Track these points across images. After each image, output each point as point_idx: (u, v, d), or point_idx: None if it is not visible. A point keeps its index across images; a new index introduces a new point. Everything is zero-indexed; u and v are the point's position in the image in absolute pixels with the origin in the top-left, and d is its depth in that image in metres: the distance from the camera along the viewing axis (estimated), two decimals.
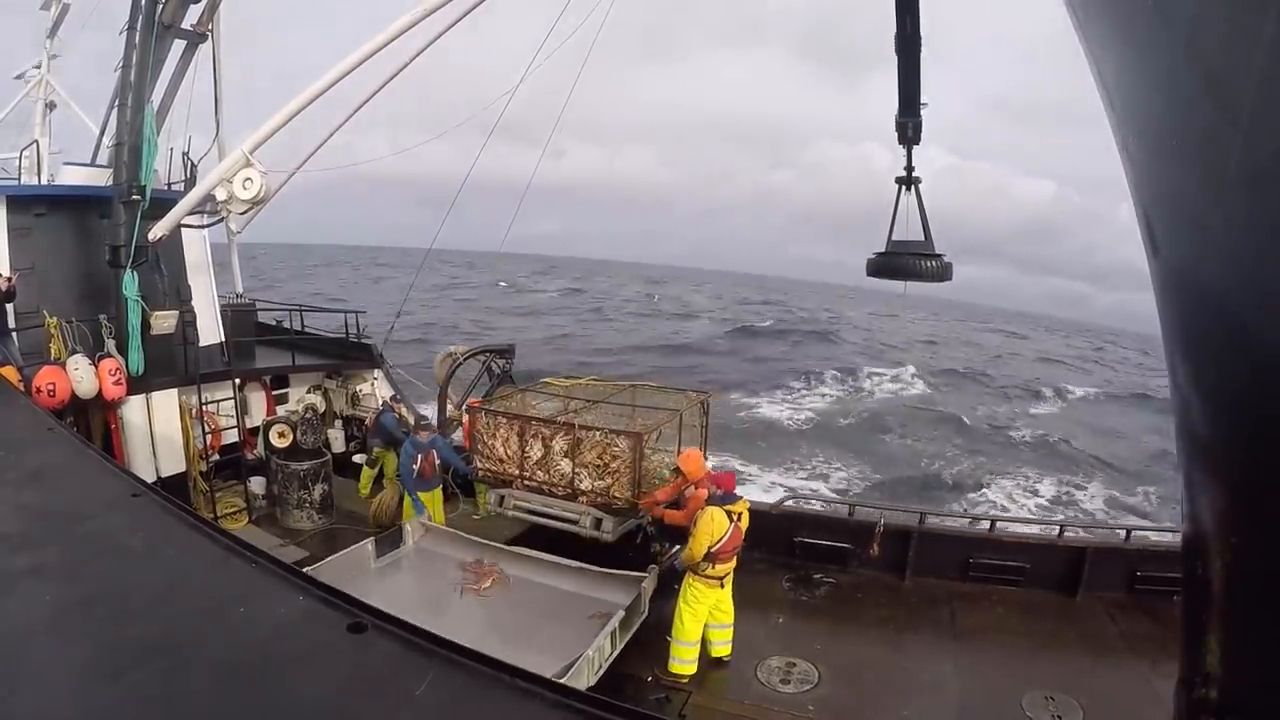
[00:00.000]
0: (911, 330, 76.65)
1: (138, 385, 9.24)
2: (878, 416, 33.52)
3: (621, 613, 6.43)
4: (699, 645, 6.61)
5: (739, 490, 6.95)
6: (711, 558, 6.43)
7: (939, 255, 7.85)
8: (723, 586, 6.62)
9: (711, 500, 6.51)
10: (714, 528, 6.35)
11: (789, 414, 33.00)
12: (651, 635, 6.72)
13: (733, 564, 6.64)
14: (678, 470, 7.27)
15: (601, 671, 5.98)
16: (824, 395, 38.64)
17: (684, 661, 6.53)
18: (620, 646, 6.34)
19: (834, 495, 20.54)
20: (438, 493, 9.10)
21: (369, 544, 7.66)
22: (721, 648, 6.79)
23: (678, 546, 7.34)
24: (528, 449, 7.88)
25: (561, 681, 5.48)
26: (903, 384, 43.57)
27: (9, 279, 8.74)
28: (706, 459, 8.75)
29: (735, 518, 6.52)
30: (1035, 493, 24.30)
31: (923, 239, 7.99)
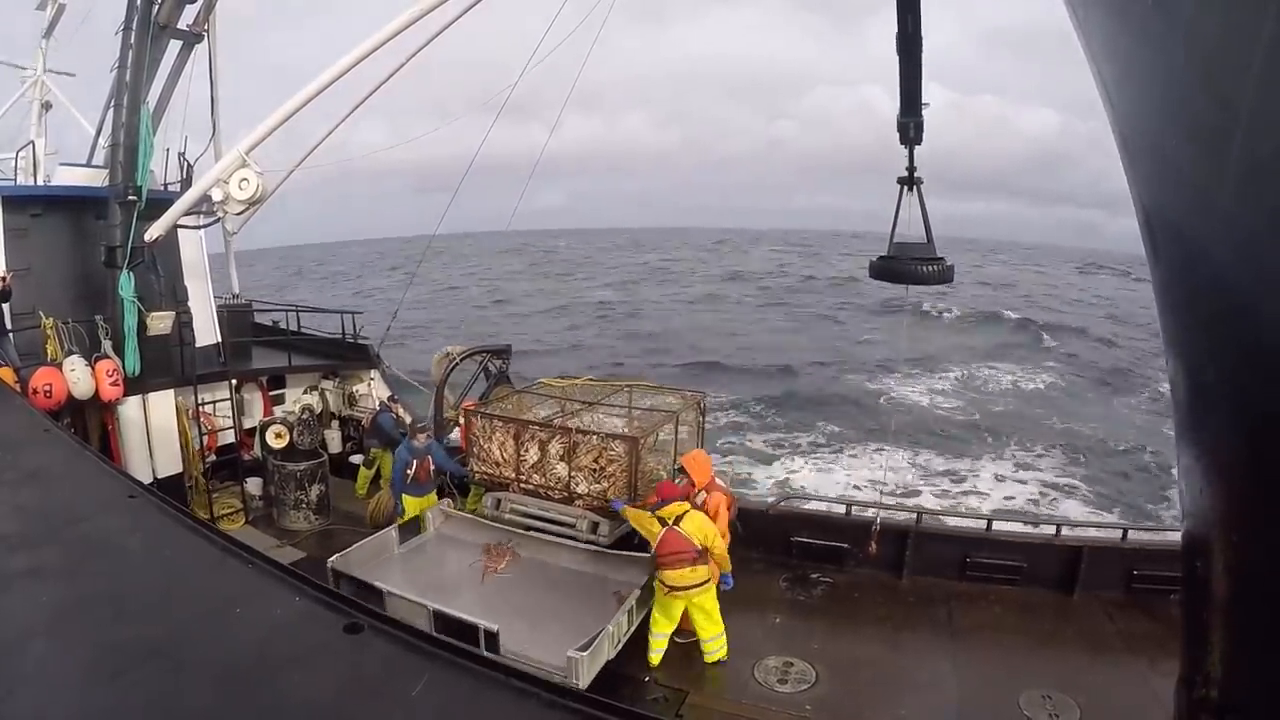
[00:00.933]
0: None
1: (134, 386, 9.22)
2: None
3: (638, 590, 6.66)
4: (667, 640, 6.69)
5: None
6: (658, 564, 6.46)
7: (940, 259, 7.88)
8: (677, 597, 6.47)
9: (655, 509, 6.66)
10: (645, 526, 6.58)
11: (926, 396, 29.76)
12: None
13: (683, 573, 6.40)
14: (682, 470, 7.25)
15: (620, 645, 6.35)
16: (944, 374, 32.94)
17: (652, 651, 6.65)
18: (636, 623, 6.66)
19: (831, 495, 20.49)
20: (432, 498, 8.96)
21: (392, 530, 7.96)
22: (711, 655, 6.71)
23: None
24: (523, 452, 7.88)
25: (583, 653, 5.67)
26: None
27: (3, 279, 8.72)
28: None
29: (671, 521, 6.45)
30: None
31: (925, 241, 8.02)
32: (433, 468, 8.84)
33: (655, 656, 6.65)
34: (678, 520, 6.47)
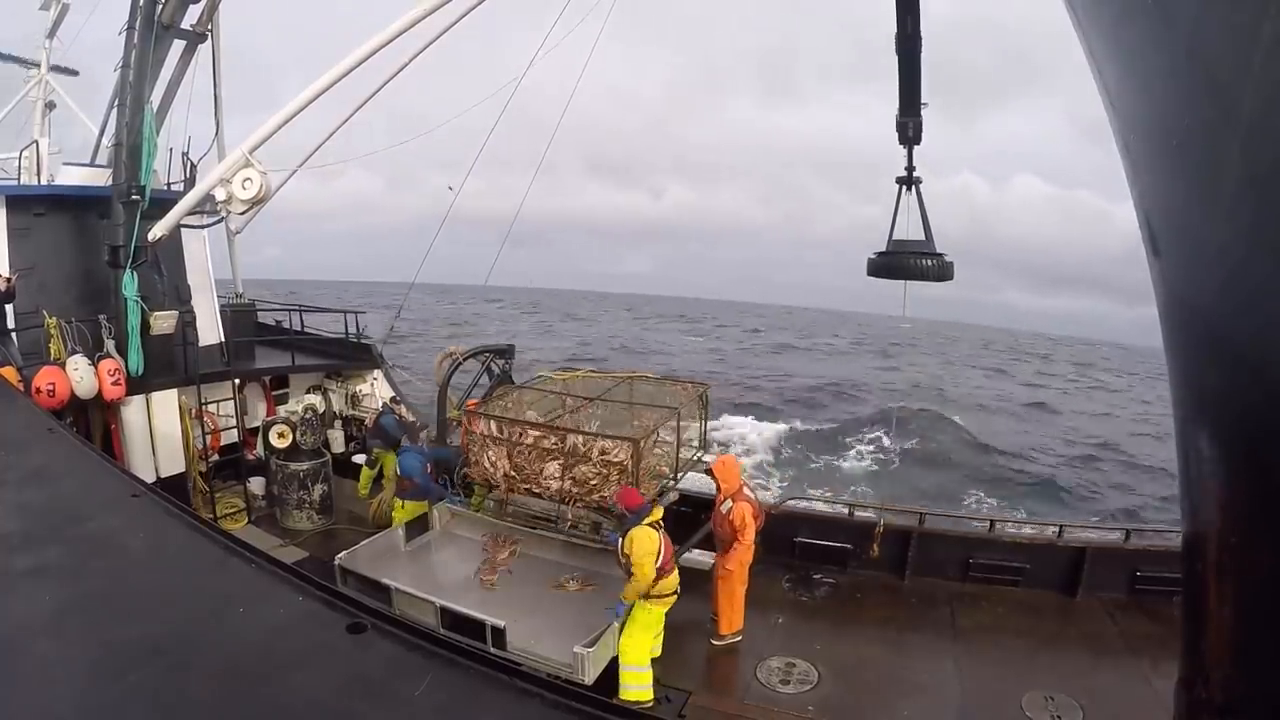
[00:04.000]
0: None
1: (137, 385, 9.23)
2: None
3: None
4: (650, 668, 6.25)
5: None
6: (662, 570, 6.15)
7: (940, 254, 7.85)
8: (678, 597, 6.36)
9: (629, 524, 6.22)
10: (651, 546, 6.05)
11: None
12: None
13: (675, 577, 6.33)
14: (709, 473, 7.11)
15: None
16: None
17: (642, 687, 6.14)
18: None
19: (834, 496, 20.45)
20: (424, 504, 8.71)
21: (400, 529, 8.02)
22: (656, 650, 6.50)
23: (677, 547, 7.28)
24: (519, 464, 7.72)
25: (589, 649, 5.72)
26: None
27: (8, 279, 8.74)
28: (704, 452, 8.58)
29: (659, 526, 6.29)
30: None
31: (924, 239, 8.00)
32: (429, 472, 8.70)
33: (648, 693, 6.17)
34: (659, 523, 6.36)
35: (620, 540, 6.22)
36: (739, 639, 7.15)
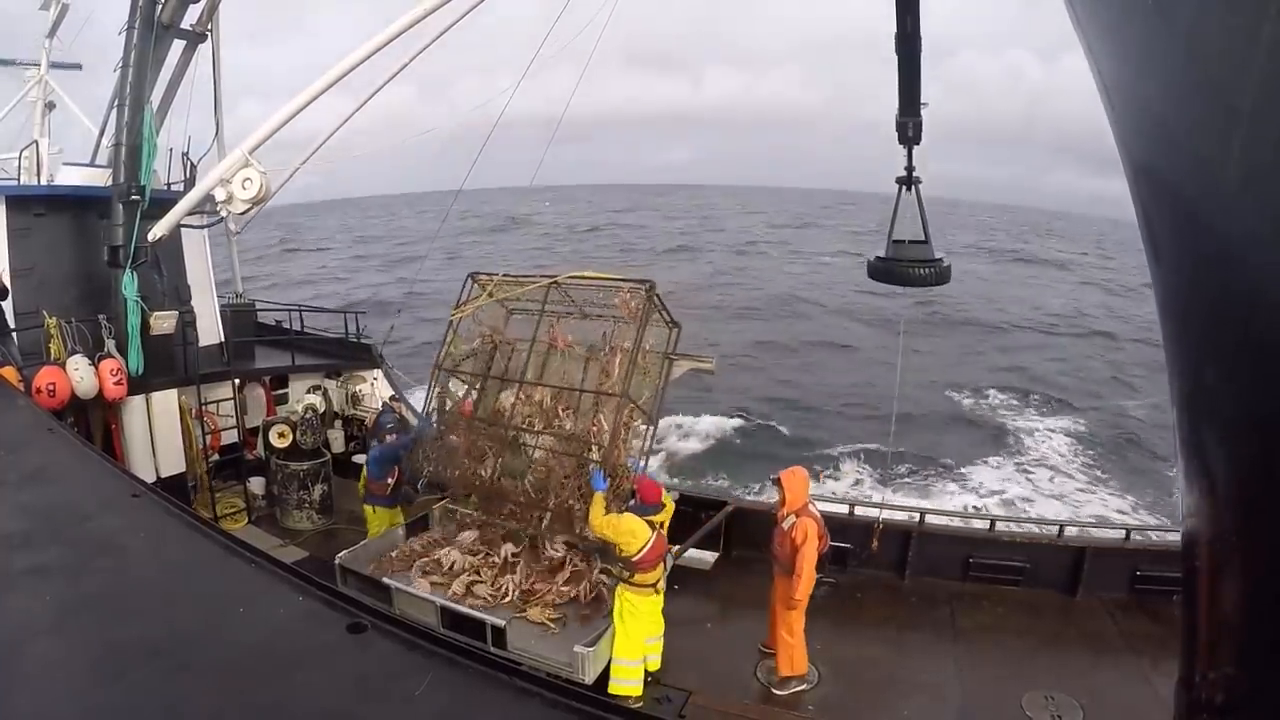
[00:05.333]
0: None
1: (137, 385, 9.23)
2: None
3: None
4: (642, 663, 6.18)
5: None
6: (635, 565, 6.01)
7: (937, 260, 7.87)
8: (657, 593, 6.20)
9: (634, 509, 6.17)
10: (631, 539, 5.95)
11: None
12: None
13: (659, 572, 6.20)
14: (776, 483, 6.61)
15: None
16: None
17: (629, 682, 6.06)
18: None
19: (834, 495, 20.42)
20: (399, 513, 8.59)
21: (400, 529, 7.94)
22: (655, 661, 6.39)
23: (676, 547, 7.27)
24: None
25: (590, 649, 5.67)
26: None
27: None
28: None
29: (658, 527, 6.19)
30: None
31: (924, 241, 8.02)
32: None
33: (637, 688, 6.12)
34: (662, 525, 6.30)
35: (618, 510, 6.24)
36: (805, 688, 6.43)
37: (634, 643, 6.07)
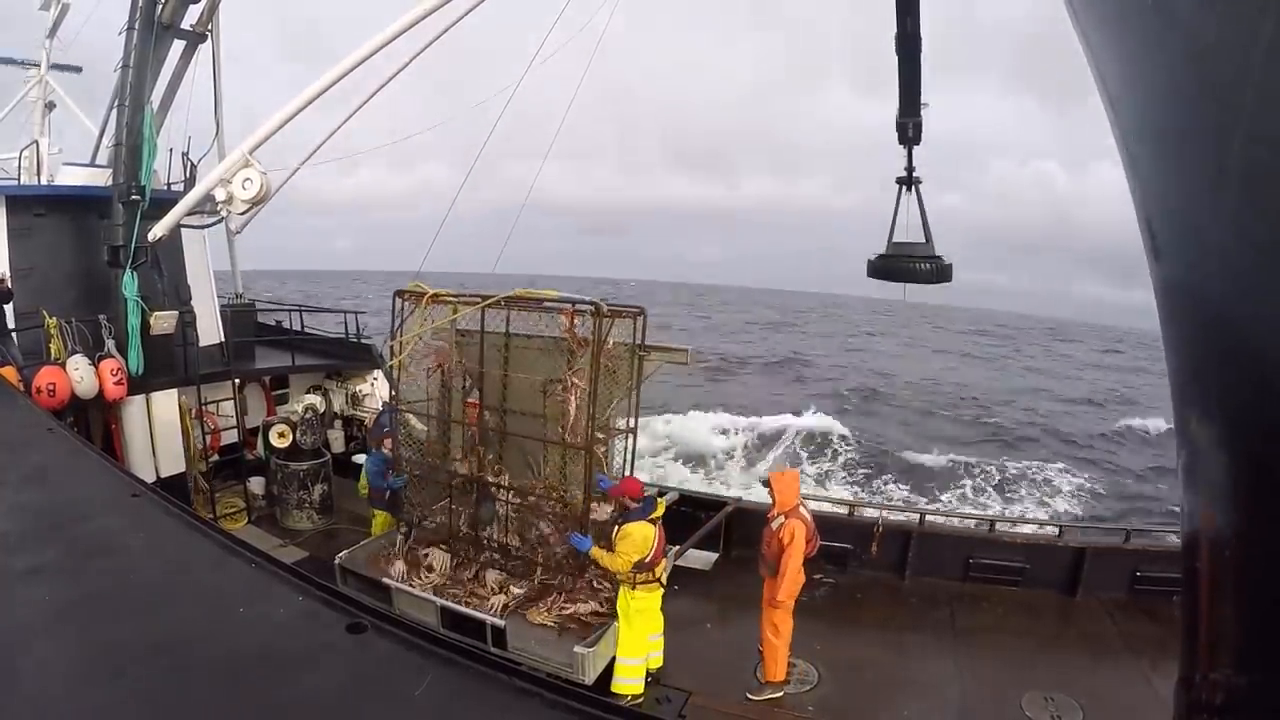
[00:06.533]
0: None
1: (137, 385, 9.24)
2: None
3: None
4: (645, 661, 6.20)
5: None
6: (647, 566, 6.01)
7: (938, 257, 7.83)
8: (661, 585, 6.19)
9: (631, 516, 6.08)
10: (644, 546, 5.93)
11: None
12: None
13: (663, 564, 6.20)
14: (766, 484, 6.62)
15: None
16: None
17: (632, 680, 6.08)
18: None
19: (834, 496, 20.43)
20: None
21: (399, 528, 7.82)
22: (656, 659, 6.41)
23: (676, 547, 7.25)
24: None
25: (590, 649, 5.66)
26: None
27: (2, 280, 8.74)
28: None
29: (658, 523, 6.17)
30: None
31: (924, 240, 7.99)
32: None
33: (639, 686, 6.14)
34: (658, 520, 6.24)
35: (615, 529, 6.15)
36: (780, 694, 6.35)
37: (639, 640, 6.09)
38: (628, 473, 7.20)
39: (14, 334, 9.00)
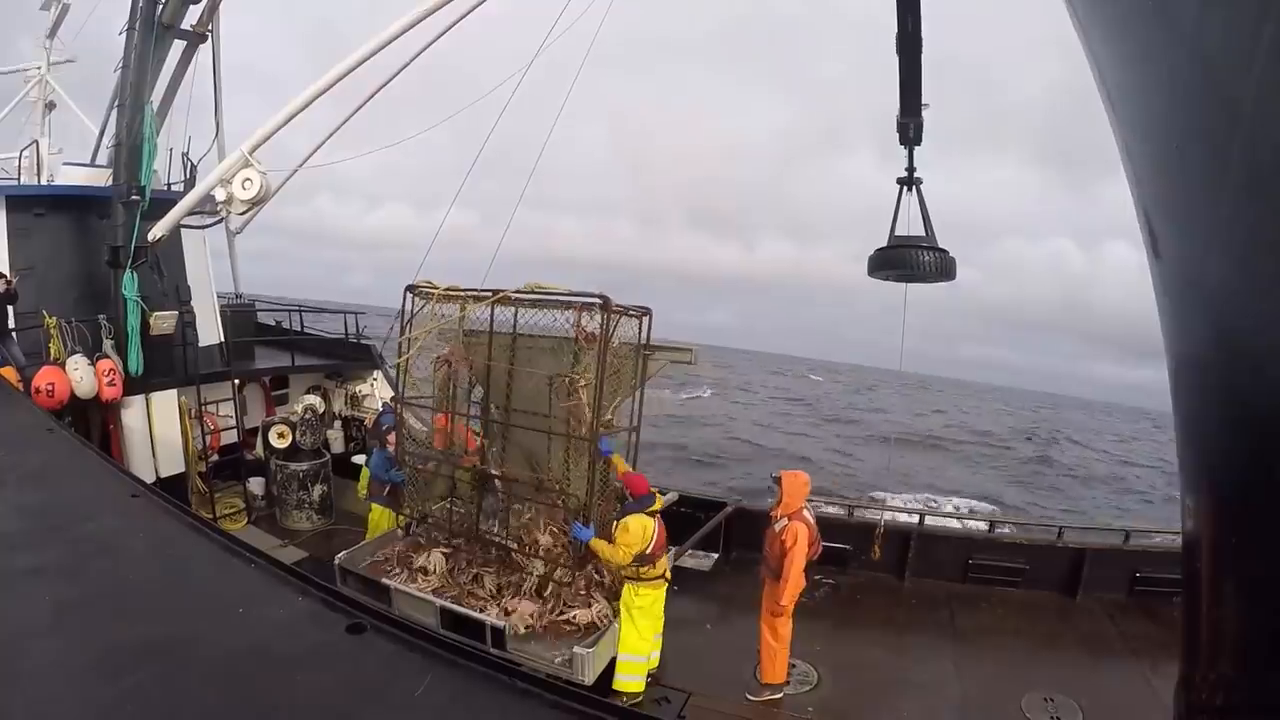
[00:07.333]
0: None
1: (137, 386, 9.24)
2: None
3: None
4: (647, 660, 6.20)
5: None
6: (648, 559, 6.02)
7: (942, 250, 7.65)
8: (665, 581, 6.20)
9: (629, 509, 6.09)
10: (644, 538, 5.94)
11: None
12: None
13: (665, 560, 6.23)
14: (776, 481, 6.54)
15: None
16: None
17: (635, 677, 6.08)
18: None
19: (834, 497, 20.40)
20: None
21: (399, 529, 7.82)
22: (654, 659, 6.40)
23: (676, 547, 7.24)
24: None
25: (590, 650, 5.62)
26: None
27: (9, 280, 8.73)
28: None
29: (656, 515, 6.17)
30: None
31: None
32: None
33: (640, 684, 6.14)
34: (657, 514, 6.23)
35: (615, 524, 6.16)
36: (780, 695, 6.32)
37: (643, 638, 6.10)
38: (629, 470, 7.16)
39: (14, 334, 8.99)
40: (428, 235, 8.40)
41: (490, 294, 6.85)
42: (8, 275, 8.86)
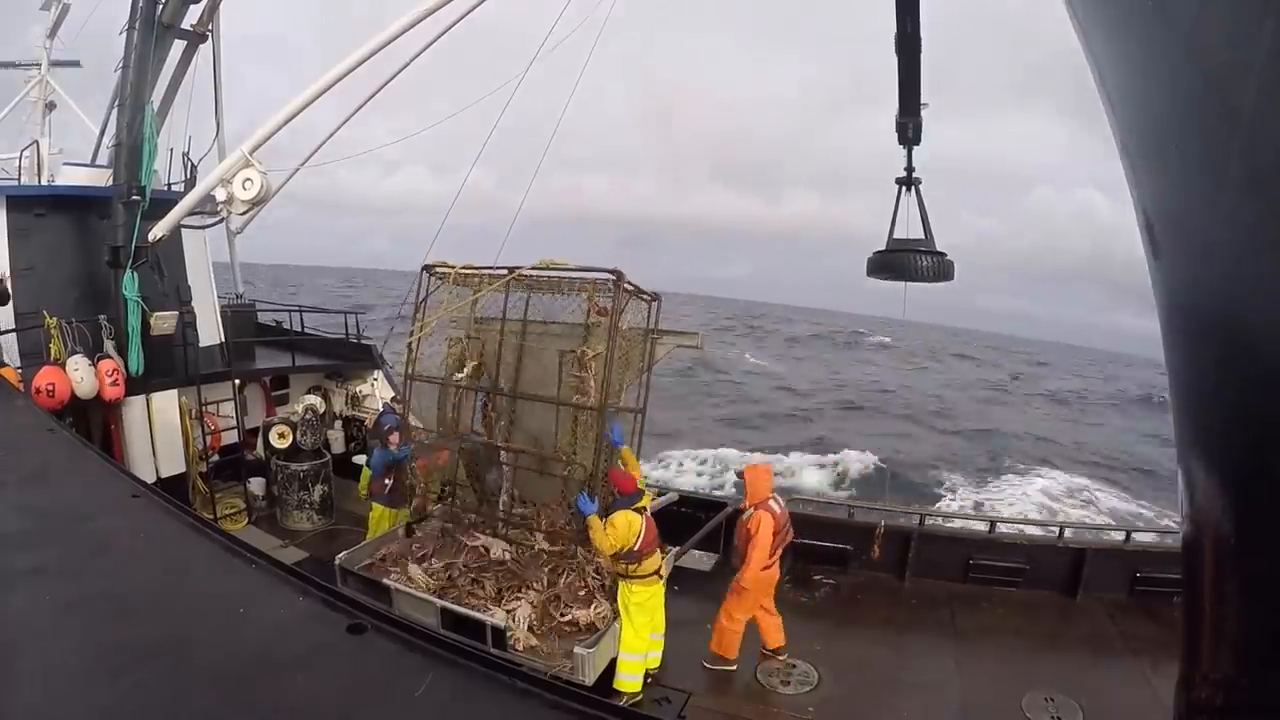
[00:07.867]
0: None
1: (137, 386, 9.24)
2: None
3: None
4: (645, 659, 6.24)
5: None
6: (636, 556, 6.06)
7: (940, 253, 7.73)
8: (660, 579, 6.23)
9: (617, 505, 6.13)
10: (630, 533, 5.99)
11: None
12: None
13: (659, 557, 6.26)
14: (739, 476, 6.71)
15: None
16: None
17: (634, 677, 6.10)
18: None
19: (834, 496, 20.48)
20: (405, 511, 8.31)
21: (400, 528, 7.83)
22: (655, 659, 6.44)
23: (673, 549, 7.24)
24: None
25: (590, 649, 5.62)
26: None
27: (1, 280, 8.74)
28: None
29: (644, 512, 6.21)
30: None
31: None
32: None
33: (637, 684, 6.15)
34: (645, 509, 6.29)
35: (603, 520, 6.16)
36: (730, 668, 6.68)
37: (640, 637, 6.11)
38: (637, 453, 7.24)
39: (14, 334, 8.99)
40: (447, 198, 8.38)
41: (506, 271, 7.02)
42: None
